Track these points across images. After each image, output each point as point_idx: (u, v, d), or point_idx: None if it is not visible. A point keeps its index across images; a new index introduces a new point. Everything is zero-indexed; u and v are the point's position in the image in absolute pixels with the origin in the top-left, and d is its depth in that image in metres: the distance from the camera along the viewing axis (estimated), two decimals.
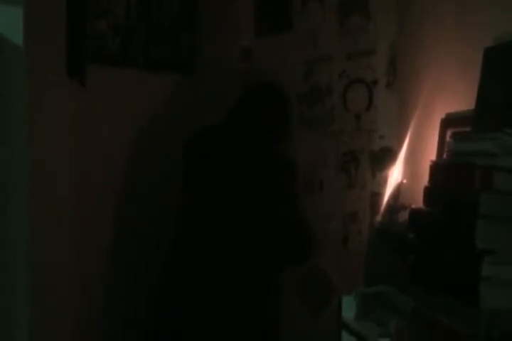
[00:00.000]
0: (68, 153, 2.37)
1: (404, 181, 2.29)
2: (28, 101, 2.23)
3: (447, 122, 2.03)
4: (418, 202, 1.80)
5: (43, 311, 2.18)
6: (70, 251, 2.32)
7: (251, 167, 2.41)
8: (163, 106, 2.89)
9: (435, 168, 1.74)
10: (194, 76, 3.00)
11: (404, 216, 2.05)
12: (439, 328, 1.47)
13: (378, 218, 2.35)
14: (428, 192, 1.72)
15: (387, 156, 2.38)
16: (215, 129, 2.54)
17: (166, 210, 2.71)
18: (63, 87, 2.35)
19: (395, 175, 2.33)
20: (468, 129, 1.82)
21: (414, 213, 1.79)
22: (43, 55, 2.25)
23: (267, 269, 2.38)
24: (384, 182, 2.38)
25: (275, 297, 2.43)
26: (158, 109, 2.87)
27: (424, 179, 1.78)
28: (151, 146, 2.83)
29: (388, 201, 2.32)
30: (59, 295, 2.24)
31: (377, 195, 2.39)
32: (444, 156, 1.92)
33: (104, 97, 2.64)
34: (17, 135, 2.25)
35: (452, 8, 2.09)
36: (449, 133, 1.98)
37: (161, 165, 2.82)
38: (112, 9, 2.73)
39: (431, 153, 2.05)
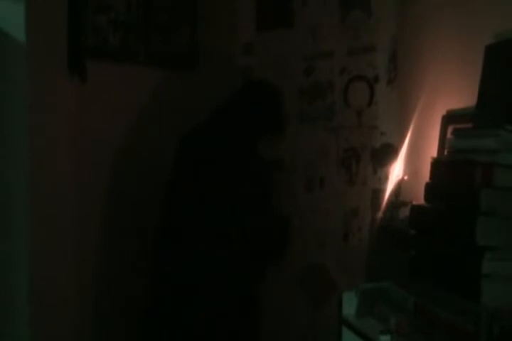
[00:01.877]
0: (68, 152, 2.37)
1: (406, 177, 2.29)
2: (28, 101, 2.23)
3: (448, 119, 2.03)
4: (419, 198, 1.80)
5: (43, 311, 2.18)
6: (70, 250, 2.32)
7: (229, 172, 2.42)
8: (163, 102, 2.88)
9: (436, 165, 1.75)
10: (195, 72, 2.99)
11: (405, 212, 2.05)
12: (440, 324, 1.46)
13: (379, 214, 2.34)
14: (429, 188, 1.73)
15: (388, 153, 2.38)
16: (204, 131, 2.52)
17: None
18: (64, 86, 2.34)
19: (396, 171, 2.33)
20: (469, 126, 1.82)
21: (415, 209, 1.79)
22: (44, 51, 2.24)
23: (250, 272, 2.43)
24: (385, 178, 2.38)
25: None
26: (158, 105, 2.86)
27: (425, 175, 1.78)
28: (151, 145, 2.82)
29: (389, 197, 2.32)
30: (59, 295, 2.24)
31: (378, 191, 2.39)
32: (445, 153, 1.92)
33: (104, 93, 2.63)
34: (17, 135, 2.24)
35: (453, 5, 2.09)
36: (450, 129, 1.98)
37: (160, 164, 2.81)
38: (112, 4, 2.72)
39: (432, 150, 2.05)
